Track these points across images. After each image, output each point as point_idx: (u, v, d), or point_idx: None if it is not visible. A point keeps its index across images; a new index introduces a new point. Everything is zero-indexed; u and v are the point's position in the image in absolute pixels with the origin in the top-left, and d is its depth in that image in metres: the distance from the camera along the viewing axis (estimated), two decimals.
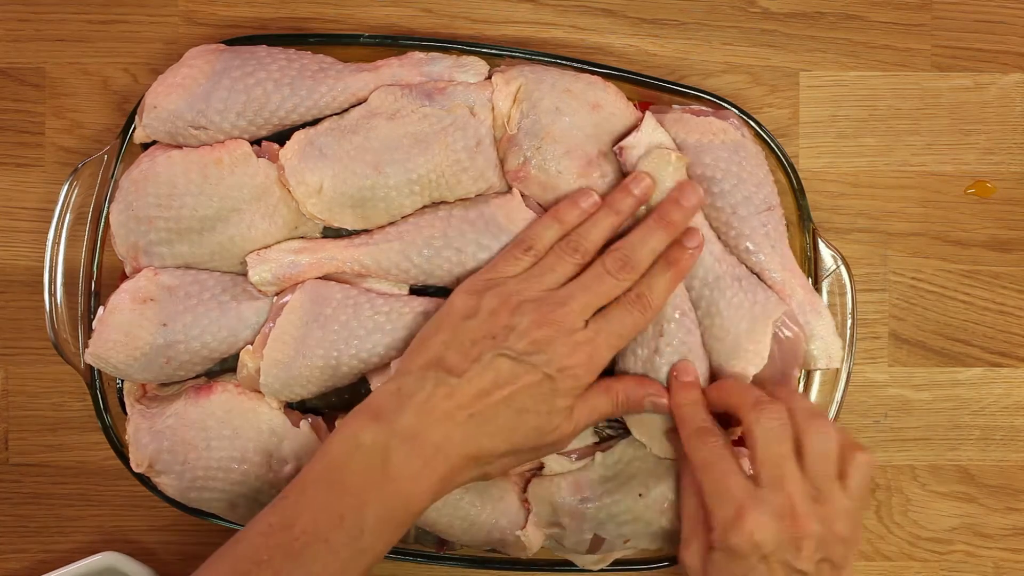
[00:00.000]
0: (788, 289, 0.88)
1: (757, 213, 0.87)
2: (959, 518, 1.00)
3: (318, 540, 0.74)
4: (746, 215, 0.87)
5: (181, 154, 0.86)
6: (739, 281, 0.87)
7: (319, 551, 0.74)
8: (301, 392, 0.87)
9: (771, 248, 0.88)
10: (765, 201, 0.88)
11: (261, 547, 0.74)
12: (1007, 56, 0.99)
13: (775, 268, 0.88)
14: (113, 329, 0.86)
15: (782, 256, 0.88)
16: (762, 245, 0.88)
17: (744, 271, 0.88)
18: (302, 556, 0.73)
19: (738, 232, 0.88)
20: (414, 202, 0.87)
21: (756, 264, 0.88)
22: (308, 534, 0.74)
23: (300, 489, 0.77)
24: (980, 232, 0.99)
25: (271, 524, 0.75)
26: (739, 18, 0.99)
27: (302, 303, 0.86)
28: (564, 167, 0.86)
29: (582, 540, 0.89)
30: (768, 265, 0.88)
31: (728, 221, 0.88)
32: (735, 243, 0.88)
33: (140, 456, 0.88)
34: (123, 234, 0.87)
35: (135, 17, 0.98)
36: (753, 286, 0.87)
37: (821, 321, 0.89)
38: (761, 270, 0.88)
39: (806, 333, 0.88)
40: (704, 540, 0.82)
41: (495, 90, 0.87)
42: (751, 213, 0.87)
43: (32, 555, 1.00)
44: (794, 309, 0.88)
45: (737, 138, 0.88)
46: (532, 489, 0.90)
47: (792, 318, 0.87)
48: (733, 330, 0.86)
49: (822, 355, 0.89)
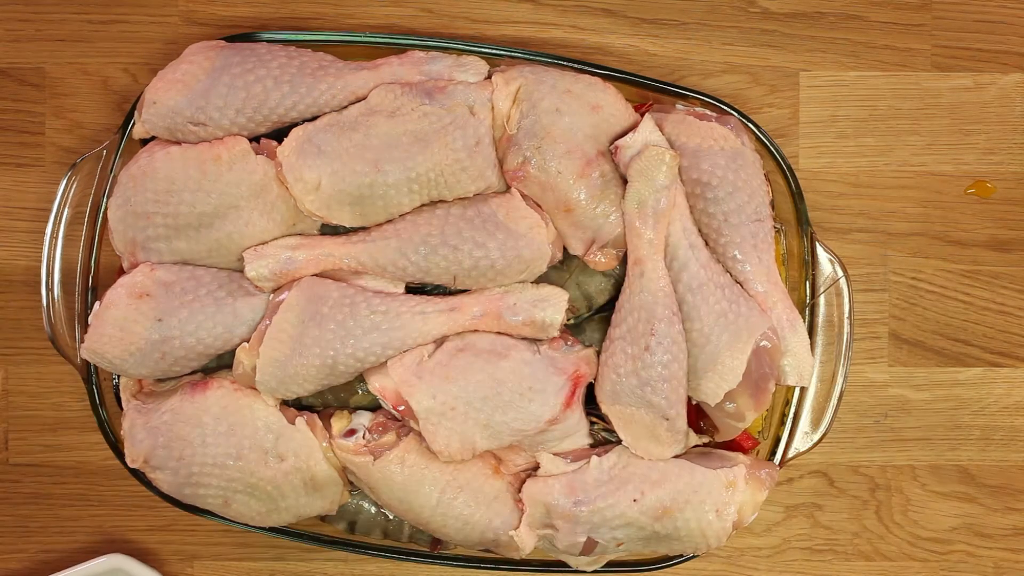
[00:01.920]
0: (769, 302, 0.88)
1: (748, 223, 0.88)
2: (959, 518, 1.00)
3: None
4: (737, 224, 0.87)
5: (180, 150, 0.86)
6: (722, 289, 0.87)
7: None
8: (297, 390, 0.87)
9: (758, 259, 0.88)
10: (757, 212, 0.88)
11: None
12: (1007, 56, 0.99)
13: (760, 280, 0.88)
14: (109, 324, 0.86)
15: (767, 268, 0.88)
16: (749, 255, 0.88)
17: (728, 280, 0.88)
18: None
19: (728, 240, 0.88)
20: (413, 200, 0.87)
21: (741, 274, 0.88)
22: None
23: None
24: (980, 232, 0.99)
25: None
26: (739, 18, 0.99)
27: (299, 301, 0.86)
28: (564, 167, 0.86)
29: (575, 543, 0.89)
30: (753, 276, 0.88)
31: (719, 228, 0.88)
32: (723, 251, 0.88)
33: (135, 452, 0.88)
34: (121, 229, 0.87)
35: (135, 17, 0.98)
36: (736, 296, 0.87)
37: (796, 338, 0.89)
38: (745, 280, 0.88)
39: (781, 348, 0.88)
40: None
41: (495, 90, 0.87)
42: (742, 222, 0.87)
43: (32, 555, 1.00)
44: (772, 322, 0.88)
45: (737, 146, 0.88)
46: (526, 490, 0.89)
47: (772, 332, 0.88)
48: (714, 339, 0.86)
49: (793, 372, 0.89)
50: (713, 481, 0.88)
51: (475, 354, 0.87)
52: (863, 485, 1.00)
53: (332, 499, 0.90)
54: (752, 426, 0.93)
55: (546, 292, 0.88)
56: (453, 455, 0.87)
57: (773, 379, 0.88)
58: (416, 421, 0.87)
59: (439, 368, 0.87)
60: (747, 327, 0.87)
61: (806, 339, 0.89)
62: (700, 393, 0.88)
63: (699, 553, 0.90)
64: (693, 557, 0.92)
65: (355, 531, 0.94)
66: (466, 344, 0.88)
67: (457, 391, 0.86)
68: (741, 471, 0.88)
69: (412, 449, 0.88)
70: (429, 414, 0.86)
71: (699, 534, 0.88)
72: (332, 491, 0.90)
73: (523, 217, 0.87)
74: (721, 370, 0.87)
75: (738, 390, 0.87)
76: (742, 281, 0.88)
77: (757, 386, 0.88)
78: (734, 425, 0.89)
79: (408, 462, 0.88)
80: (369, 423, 0.89)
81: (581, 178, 0.87)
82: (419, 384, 0.86)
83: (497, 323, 0.88)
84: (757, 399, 0.88)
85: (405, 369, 0.87)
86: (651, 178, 0.86)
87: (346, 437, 0.88)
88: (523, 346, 0.88)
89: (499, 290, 0.88)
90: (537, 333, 0.88)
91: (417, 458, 0.88)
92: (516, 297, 0.88)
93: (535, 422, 0.87)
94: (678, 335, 0.86)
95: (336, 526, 0.94)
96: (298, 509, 0.90)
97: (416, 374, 0.87)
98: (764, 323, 0.87)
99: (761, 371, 0.87)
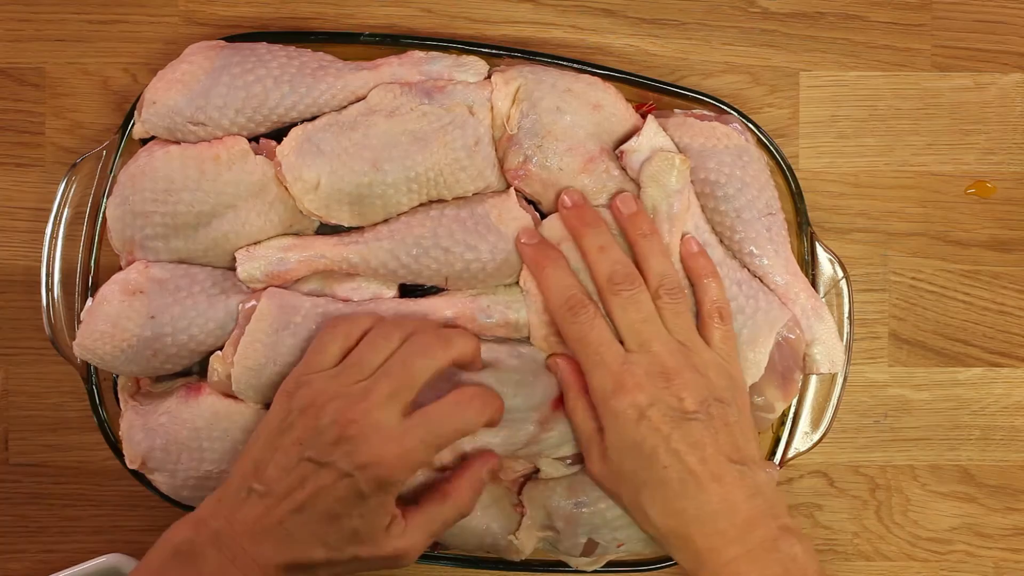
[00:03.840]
0: (791, 293, 0.88)
1: (760, 217, 0.88)
2: (959, 518, 1.00)
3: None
4: (749, 219, 0.88)
5: (179, 150, 0.86)
6: (739, 285, 0.87)
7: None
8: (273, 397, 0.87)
9: (774, 252, 0.88)
10: (768, 205, 0.88)
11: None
12: (1007, 56, 0.99)
13: (779, 272, 0.88)
14: (100, 320, 0.86)
15: (785, 260, 0.89)
16: (765, 249, 0.88)
17: (745, 275, 0.88)
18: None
19: (742, 236, 0.88)
20: (411, 200, 0.87)
21: (759, 268, 0.88)
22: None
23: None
24: (980, 232, 0.99)
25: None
26: (739, 18, 0.99)
27: (270, 310, 0.86)
28: (566, 164, 0.86)
29: (576, 544, 0.89)
30: (771, 269, 0.88)
31: (732, 225, 0.88)
32: (738, 247, 0.88)
33: (134, 453, 0.88)
34: (119, 228, 0.87)
35: (135, 17, 0.98)
36: (754, 291, 0.87)
37: (823, 325, 0.89)
38: (764, 274, 0.88)
39: (808, 337, 0.88)
40: (600, 443, 0.83)
41: (494, 90, 0.87)
42: (754, 217, 0.88)
43: (32, 555, 1.00)
44: (797, 313, 0.88)
45: (741, 143, 0.88)
46: (527, 492, 0.89)
47: (794, 323, 0.88)
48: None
49: (824, 360, 0.89)
50: None
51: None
52: (863, 485, 1.00)
53: None
54: None
55: (519, 293, 0.88)
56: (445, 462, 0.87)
57: (799, 370, 0.88)
58: None
59: None
60: (767, 321, 0.87)
61: (833, 326, 0.89)
62: None
63: None
64: None
65: None
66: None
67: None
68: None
69: None
70: None
71: None
72: None
73: (513, 219, 0.86)
74: (743, 364, 0.87)
75: (764, 383, 0.87)
76: (761, 275, 0.89)
77: (784, 377, 0.88)
78: (765, 417, 0.90)
79: None
80: None
81: (584, 174, 0.87)
82: None
83: (471, 325, 0.87)
84: (785, 390, 0.89)
85: None
86: (663, 183, 0.86)
87: None
88: (505, 350, 0.88)
89: (471, 292, 0.88)
90: (512, 334, 0.88)
91: None
92: (489, 299, 0.88)
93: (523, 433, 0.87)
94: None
95: None
96: None
97: None
98: (785, 315, 0.87)
99: (786, 363, 0.88)
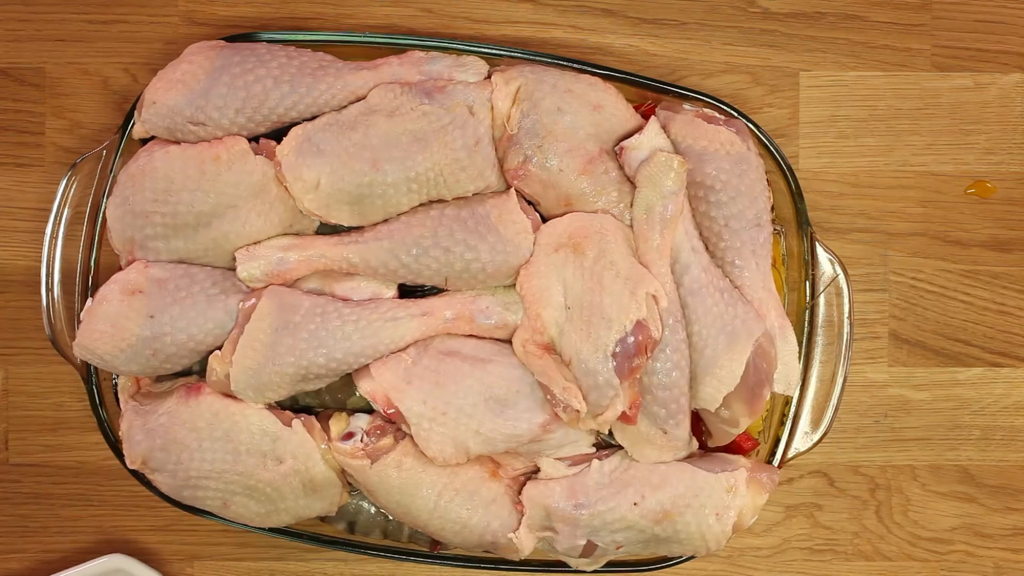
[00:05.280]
0: (763, 309, 0.88)
1: (748, 228, 0.88)
2: (959, 518, 1.00)
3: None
4: (738, 229, 0.88)
5: (179, 150, 0.86)
6: (721, 293, 0.87)
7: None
8: (272, 396, 0.88)
9: (755, 266, 0.88)
10: (757, 217, 0.88)
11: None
12: (1007, 56, 0.99)
13: (756, 287, 0.88)
14: (100, 319, 0.86)
15: (764, 275, 0.89)
16: (748, 262, 0.88)
17: (727, 284, 0.88)
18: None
19: (728, 244, 0.88)
20: (411, 200, 0.87)
21: (738, 279, 0.88)
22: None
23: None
24: (980, 232, 0.99)
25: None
26: (739, 18, 0.99)
27: (270, 309, 0.86)
28: (565, 164, 0.86)
29: (575, 545, 0.89)
30: (750, 282, 0.88)
31: (720, 232, 0.88)
32: (722, 255, 0.88)
33: (134, 453, 0.88)
34: (119, 228, 0.87)
35: (135, 17, 0.98)
36: (734, 300, 0.87)
37: (787, 347, 0.89)
38: (742, 285, 0.88)
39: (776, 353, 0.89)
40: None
41: (494, 90, 0.87)
42: (743, 227, 0.88)
43: (32, 555, 1.00)
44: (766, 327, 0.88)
45: (742, 151, 0.88)
46: (526, 492, 0.89)
47: (769, 338, 0.88)
48: (711, 342, 0.87)
49: (781, 379, 0.89)
50: (714, 485, 0.87)
51: (462, 359, 0.87)
52: (863, 485, 1.00)
53: (331, 500, 0.90)
54: (752, 427, 0.92)
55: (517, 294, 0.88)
56: (448, 459, 0.87)
57: (769, 386, 0.88)
58: (407, 425, 0.87)
59: (428, 373, 0.87)
60: (745, 329, 0.87)
61: (795, 348, 0.89)
62: (699, 400, 0.88)
63: (698, 555, 0.90)
64: (692, 558, 0.92)
65: (355, 531, 0.94)
66: (452, 349, 0.87)
67: (447, 396, 0.86)
68: (742, 475, 0.88)
69: (409, 453, 0.88)
70: (420, 419, 0.86)
71: (699, 537, 0.88)
72: (331, 492, 0.90)
73: (513, 221, 0.86)
74: (720, 373, 0.87)
75: (734, 396, 0.87)
76: (739, 286, 0.88)
77: (753, 392, 0.88)
78: (728, 431, 0.89)
79: (405, 466, 0.88)
80: (367, 426, 0.88)
81: (582, 174, 0.87)
82: (408, 389, 0.86)
83: (470, 326, 0.88)
84: (752, 405, 0.88)
85: (393, 373, 0.87)
86: (659, 184, 0.85)
87: (344, 440, 0.88)
88: (507, 350, 0.88)
89: (471, 293, 0.88)
90: (510, 335, 0.88)
91: (414, 462, 0.88)
92: (488, 300, 0.88)
93: (527, 425, 0.87)
94: (681, 343, 0.86)
95: (336, 526, 0.94)
96: (297, 510, 0.90)
97: (405, 379, 0.87)
98: (761, 326, 0.87)
99: (758, 377, 0.87)
